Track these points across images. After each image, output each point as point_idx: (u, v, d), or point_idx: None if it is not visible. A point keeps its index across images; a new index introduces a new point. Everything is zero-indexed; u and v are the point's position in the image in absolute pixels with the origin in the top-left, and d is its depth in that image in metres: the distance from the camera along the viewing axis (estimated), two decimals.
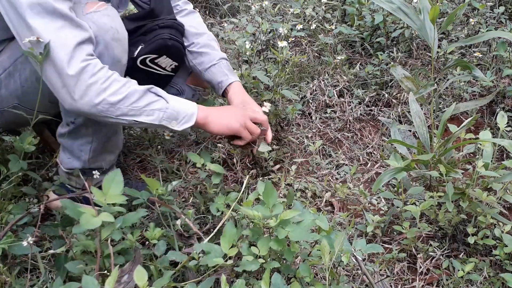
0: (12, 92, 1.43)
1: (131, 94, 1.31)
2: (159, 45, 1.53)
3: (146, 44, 1.52)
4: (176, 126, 1.38)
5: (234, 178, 1.78)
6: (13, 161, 1.37)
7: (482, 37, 1.71)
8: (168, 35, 1.54)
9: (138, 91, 1.32)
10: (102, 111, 1.29)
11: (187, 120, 1.38)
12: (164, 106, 1.35)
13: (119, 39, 1.36)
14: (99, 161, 1.52)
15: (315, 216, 1.20)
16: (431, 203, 1.41)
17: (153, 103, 1.33)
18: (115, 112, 1.31)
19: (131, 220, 1.16)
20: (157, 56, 1.55)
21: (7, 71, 1.41)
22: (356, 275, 1.39)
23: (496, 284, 1.34)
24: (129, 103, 1.31)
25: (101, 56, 1.33)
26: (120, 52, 1.37)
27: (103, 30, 1.32)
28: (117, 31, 1.35)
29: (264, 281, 1.07)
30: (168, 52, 1.56)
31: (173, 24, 1.57)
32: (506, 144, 1.37)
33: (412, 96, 1.61)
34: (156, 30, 1.54)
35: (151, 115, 1.34)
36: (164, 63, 1.58)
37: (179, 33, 1.60)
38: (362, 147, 1.94)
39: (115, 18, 1.37)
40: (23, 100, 1.43)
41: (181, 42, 1.60)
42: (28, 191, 1.44)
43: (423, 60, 2.31)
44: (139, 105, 1.32)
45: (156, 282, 1.10)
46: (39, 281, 1.24)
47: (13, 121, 1.50)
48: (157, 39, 1.52)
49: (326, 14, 2.49)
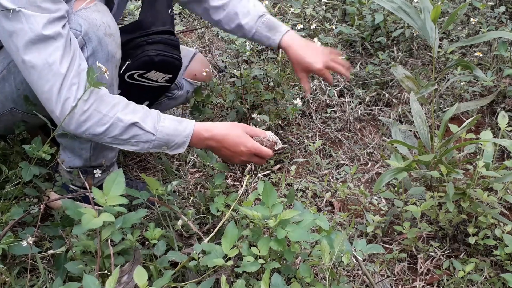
0: (8, 96, 1.42)
1: (113, 127, 1.29)
2: (144, 62, 1.51)
3: (133, 60, 1.50)
4: (168, 150, 1.36)
5: (234, 178, 1.78)
6: (25, 169, 1.34)
7: (483, 37, 1.71)
8: (155, 51, 1.51)
9: (121, 125, 1.29)
10: (88, 137, 1.31)
11: (178, 147, 1.36)
12: (150, 139, 1.32)
13: (112, 34, 1.34)
14: (100, 158, 1.52)
15: (315, 216, 1.20)
16: (431, 203, 1.41)
17: (138, 137, 1.31)
18: (100, 140, 1.32)
19: (131, 220, 1.16)
20: (145, 72, 1.53)
21: (1, 74, 1.40)
22: (356, 275, 1.38)
23: (497, 284, 1.33)
24: (111, 136, 1.30)
25: (95, 53, 1.32)
26: (114, 47, 1.35)
27: (94, 26, 1.31)
28: (108, 26, 1.33)
29: (264, 282, 1.07)
30: (156, 67, 1.53)
31: (162, 40, 1.53)
32: (507, 144, 1.37)
33: (413, 96, 1.61)
34: (143, 46, 1.51)
35: (136, 145, 1.33)
36: (155, 77, 1.56)
37: (170, 46, 1.55)
38: (363, 147, 1.93)
39: (106, 13, 1.35)
40: (18, 103, 1.43)
41: (172, 56, 1.56)
42: (29, 192, 1.44)
43: (423, 60, 2.31)
44: (123, 137, 1.31)
45: (156, 282, 1.10)
46: (39, 281, 1.24)
47: (11, 126, 1.50)
48: (143, 56, 1.50)
49: (327, 13, 2.48)
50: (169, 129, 1.33)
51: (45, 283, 1.24)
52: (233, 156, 1.39)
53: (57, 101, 1.25)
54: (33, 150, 1.32)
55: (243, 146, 1.38)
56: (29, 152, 1.32)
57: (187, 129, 1.35)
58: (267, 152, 1.40)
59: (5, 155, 1.60)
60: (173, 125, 1.34)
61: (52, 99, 1.25)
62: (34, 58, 1.22)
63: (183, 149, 1.36)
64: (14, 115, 1.46)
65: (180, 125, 1.35)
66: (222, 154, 1.40)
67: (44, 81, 1.24)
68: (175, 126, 1.34)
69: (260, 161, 1.43)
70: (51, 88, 1.24)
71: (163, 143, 1.33)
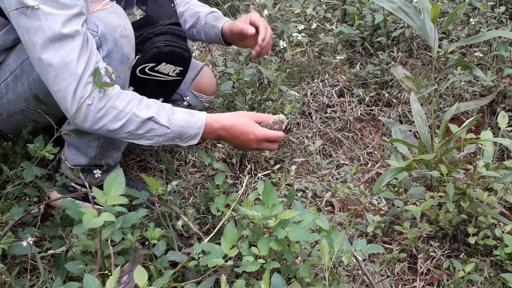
0: (20, 95, 1.42)
1: (129, 122, 1.31)
2: (154, 54, 1.51)
3: (143, 53, 1.51)
4: (181, 143, 1.39)
5: (234, 178, 1.78)
6: (27, 169, 1.34)
7: (483, 36, 1.70)
8: (163, 42, 1.52)
9: (137, 120, 1.31)
10: (103, 133, 1.33)
11: (191, 138, 1.39)
12: (165, 132, 1.35)
13: (127, 36, 1.35)
14: (105, 157, 1.52)
15: (315, 216, 1.20)
16: (431, 203, 1.41)
17: (153, 130, 1.34)
18: (115, 136, 1.34)
19: (132, 220, 1.16)
20: (156, 64, 1.53)
21: (14, 73, 1.40)
22: (356, 275, 1.38)
23: (497, 284, 1.33)
24: (127, 131, 1.32)
25: (111, 54, 1.33)
26: (129, 49, 1.37)
27: (111, 27, 1.32)
28: (124, 28, 1.35)
29: (264, 282, 1.07)
30: (165, 59, 1.54)
31: (168, 30, 1.54)
32: (508, 144, 1.37)
33: (413, 96, 1.61)
34: (151, 38, 1.52)
35: (151, 139, 1.36)
36: (166, 70, 1.57)
37: (177, 37, 1.56)
38: (363, 147, 1.93)
39: (122, 15, 1.37)
40: (30, 103, 1.43)
41: (181, 46, 1.57)
42: (30, 192, 1.44)
43: (423, 60, 2.31)
44: (138, 132, 1.33)
45: (156, 282, 1.10)
46: (39, 281, 1.24)
47: (20, 126, 1.50)
48: (152, 47, 1.51)
49: (327, 13, 2.48)
50: (183, 121, 1.36)
51: (45, 283, 1.24)
52: (244, 145, 1.44)
53: (73, 100, 1.26)
54: (36, 149, 1.32)
55: (251, 134, 1.42)
56: (32, 152, 1.32)
57: (200, 121, 1.39)
58: (276, 135, 1.44)
59: (5, 155, 1.60)
60: (186, 118, 1.37)
61: (67, 97, 1.26)
62: (51, 56, 1.22)
63: (196, 141, 1.39)
64: (25, 114, 1.47)
65: (192, 117, 1.38)
66: (234, 143, 1.45)
67: (60, 80, 1.24)
68: (188, 118, 1.37)
69: (273, 146, 1.46)
70: (67, 87, 1.24)
71: (176, 135, 1.36)
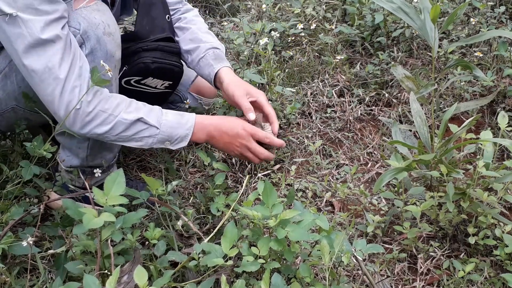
0: (10, 94, 1.42)
1: (117, 125, 1.31)
2: (141, 69, 1.52)
3: (130, 66, 1.51)
4: (170, 146, 1.39)
5: (234, 178, 1.78)
6: (26, 168, 1.34)
7: (483, 36, 1.70)
8: (151, 58, 1.52)
9: (126, 122, 1.32)
10: (92, 136, 1.34)
11: (180, 141, 1.39)
12: (154, 133, 1.35)
13: (111, 33, 1.34)
14: (97, 158, 1.52)
15: (315, 216, 1.20)
16: (431, 203, 1.41)
17: (142, 131, 1.34)
18: (104, 139, 1.35)
19: (132, 220, 1.16)
20: (142, 78, 1.54)
21: (3, 72, 1.40)
22: (356, 275, 1.38)
23: (497, 284, 1.33)
24: (115, 134, 1.33)
25: (94, 52, 1.32)
26: (113, 46, 1.35)
27: (93, 25, 1.31)
28: (108, 26, 1.33)
29: (264, 282, 1.07)
30: (152, 74, 1.54)
31: (158, 47, 1.53)
32: (507, 144, 1.37)
33: (413, 96, 1.61)
34: (139, 52, 1.52)
35: (140, 141, 1.36)
36: (154, 83, 1.57)
37: (167, 53, 1.55)
38: (363, 147, 1.93)
39: (106, 12, 1.35)
40: (20, 101, 1.43)
41: (170, 62, 1.56)
42: (29, 192, 1.44)
43: (423, 60, 2.31)
44: (127, 134, 1.34)
45: (156, 282, 1.10)
46: (39, 281, 1.24)
47: (13, 124, 1.50)
48: (138, 62, 1.51)
49: (327, 13, 2.48)
50: (172, 122, 1.37)
51: (45, 283, 1.24)
52: (233, 141, 1.44)
53: (60, 104, 1.26)
54: (34, 148, 1.32)
55: (240, 128, 1.45)
56: (30, 150, 1.32)
57: (189, 122, 1.40)
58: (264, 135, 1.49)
59: (5, 155, 1.60)
60: (176, 119, 1.38)
61: (54, 102, 1.26)
62: (33, 62, 1.22)
63: (185, 143, 1.39)
64: (17, 112, 1.46)
65: (182, 118, 1.40)
66: (224, 141, 1.45)
67: (45, 85, 1.24)
68: (177, 119, 1.38)
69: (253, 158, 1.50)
70: (52, 92, 1.25)
71: (166, 136, 1.37)
